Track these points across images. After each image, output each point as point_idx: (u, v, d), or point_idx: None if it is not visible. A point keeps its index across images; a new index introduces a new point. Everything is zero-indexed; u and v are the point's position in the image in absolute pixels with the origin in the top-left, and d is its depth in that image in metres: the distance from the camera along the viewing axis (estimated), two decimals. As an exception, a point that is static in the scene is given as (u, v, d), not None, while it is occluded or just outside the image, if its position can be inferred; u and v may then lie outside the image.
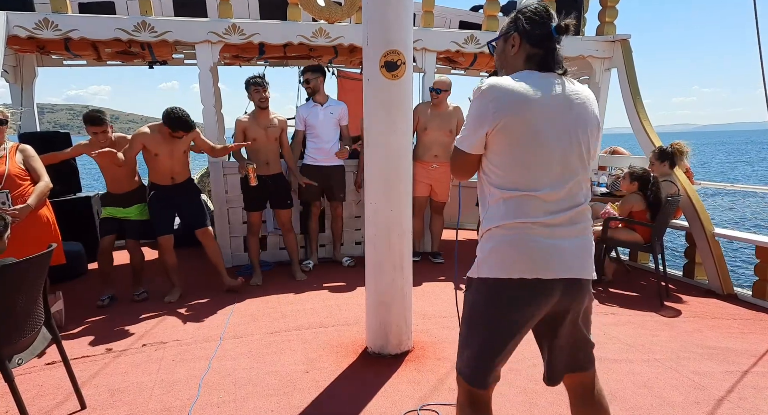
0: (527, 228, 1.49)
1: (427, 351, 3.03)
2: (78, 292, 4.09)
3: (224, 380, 2.68)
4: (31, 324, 2.19)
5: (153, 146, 3.86)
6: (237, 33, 4.65)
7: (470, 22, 6.49)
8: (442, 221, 5.26)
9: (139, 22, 4.43)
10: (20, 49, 4.85)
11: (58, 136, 5.12)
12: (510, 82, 1.49)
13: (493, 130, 1.47)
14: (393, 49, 2.70)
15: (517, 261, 1.49)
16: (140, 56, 5.37)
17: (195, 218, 4.04)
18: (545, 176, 1.48)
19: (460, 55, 5.49)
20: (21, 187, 3.39)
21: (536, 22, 1.54)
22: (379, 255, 2.93)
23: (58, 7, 4.31)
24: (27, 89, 5.61)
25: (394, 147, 2.83)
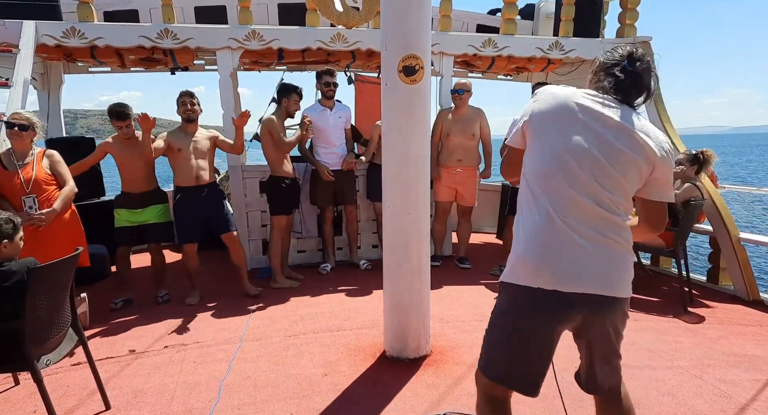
0: (549, 236, 1.49)
1: (445, 355, 3.02)
2: (101, 294, 4.17)
3: (245, 383, 2.70)
4: (58, 325, 2.25)
5: (175, 143, 3.94)
6: (257, 39, 4.72)
7: (488, 25, 6.48)
8: (470, 225, 5.23)
9: (162, 30, 4.52)
10: (48, 57, 4.99)
11: (83, 141, 5.25)
12: (557, 90, 1.58)
13: (527, 126, 1.58)
14: (411, 53, 2.71)
15: (537, 270, 1.50)
16: (163, 63, 5.48)
17: (220, 221, 4.07)
18: (572, 186, 1.49)
19: (477, 59, 5.48)
20: (47, 192, 3.48)
21: (612, 56, 1.61)
22: (397, 259, 2.94)
23: (85, 16, 4.42)
24: (54, 96, 5.77)
25: (413, 151, 2.83)
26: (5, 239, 2.15)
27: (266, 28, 4.84)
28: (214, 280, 4.64)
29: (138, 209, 4.00)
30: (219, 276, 4.74)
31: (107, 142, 3.99)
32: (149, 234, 4.04)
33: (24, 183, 3.39)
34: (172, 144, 3.93)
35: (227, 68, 4.75)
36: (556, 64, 5.77)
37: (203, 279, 4.30)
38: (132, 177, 3.97)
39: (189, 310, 3.90)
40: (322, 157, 4.75)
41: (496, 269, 4.85)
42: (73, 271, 2.35)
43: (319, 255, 5.21)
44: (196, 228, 4.03)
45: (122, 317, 3.78)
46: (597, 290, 1.49)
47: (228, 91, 4.79)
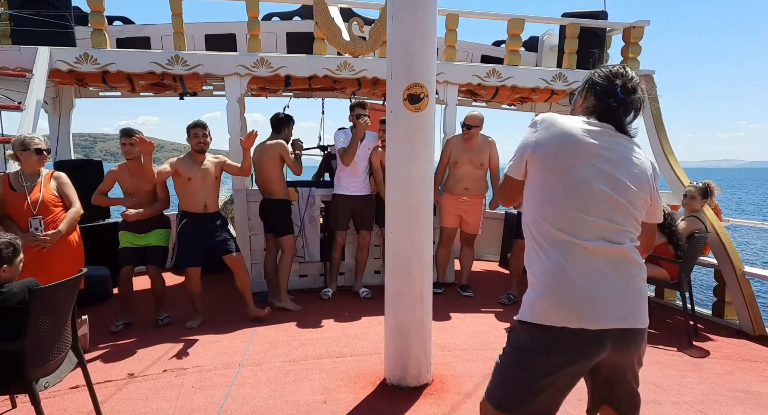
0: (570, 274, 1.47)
1: (447, 385, 2.98)
2: (102, 316, 4.15)
3: (242, 409, 2.67)
4: (58, 347, 2.24)
5: (184, 171, 3.98)
6: (265, 66, 4.83)
7: (492, 56, 6.61)
8: (473, 253, 5.22)
9: (173, 56, 4.63)
10: (60, 81, 5.10)
11: (90, 164, 5.32)
12: (560, 118, 1.57)
13: (531, 158, 1.57)
14: (416, 82, 2.77)
15: (559, 309, 1.47)
16: (172, 88, 5.59)
17: (223, 244, 4.09)
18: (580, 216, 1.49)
19: (481, 88, 5.58)
20: (53, 213, 3.51)
21: (606, 79, 1.60)
22: (399, 285, 2.93)
23: (98, 43, 4.55)
24: (65, 119, 5.87)
25: (416, 177, 2.86)
26: (5, 264, 2.16)
27: (274, 55, 4.96)
28: (215, 303, 4.61)
29: (142, 234, 4.03)
30: (219, 299, 4.72)
31: (113, 170, 4.04)
32: (150, 256, 4.06)
33: (31, 204, 3.42)
34: (180, 171, 3.98)
35: (235, 94, 4.84)
36: (560, 95, 5.86)
37: (204, 302, 4.27)
38: (138, 205, 4.01)
39: (189, 333, 3.88)
40: (342, 182, 4.81)
41: (504, 298, 4.80)
42: (76, 292, 2.35)
43: (321, 280, 5.20)
44: (199, 253, 4.05)
45: (122, 340, 3.75)
46: (623, 323, 1.48)
47: (235, 116, 4.88)
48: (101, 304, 4.64)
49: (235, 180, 4.94)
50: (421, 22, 2.70)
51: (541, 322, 1.49)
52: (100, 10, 4.60)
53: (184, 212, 4.07)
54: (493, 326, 4.14)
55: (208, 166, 4.08)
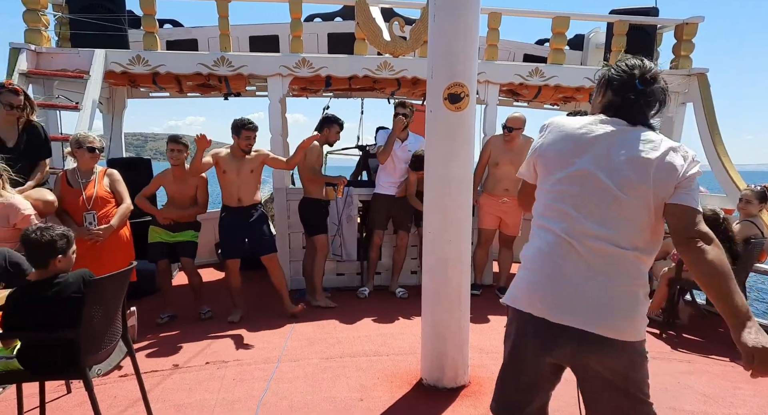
0: (547, 264, 1.49)
1: (484, 387, 2.95)
2: (148, 309, 4.31)
3: (281, 403, 2.72)
4: (110, 337, 2.35)
5: (222, 163, 4.08)
6: (306, 66, 4.90)
7: (535, 55, 6.49)
8: (512, 254, 5.14)
9: (219, 58, 4.77)
10: (114, 82, 5.34)
11: (140, 162, 5.54)
12: (564, 121, 1.57)
13: (537, 161, 1.60)
14: (457, 81, 2.74)
15: (530, 296, 1.51)
16: (217, 88, 5.76)
17: (261, 243, 4.17)
18: (580, 217, 1.46)
19: (523, 88, 5.48)
20: (106, 209, 3.68)
21: (622, 71, 1.54)
22: (436, 285, 2.92)
23: (150, 45, 4.74)
24: (117, 119, 6.15)
25: (455, 177, 2.84)
26: (60, 255, 2.27)
27: (315, 56, 5.03)
28: (255, 299, 4.71)
29: (174, 233, 4.15)
30: (259, 296, 4.82)
31: (159, 175, 4.18)
32: (181, 250, 4.17)
33: (86, 200, 3.60)
34: (220, 164, 4.08)
35: (277, 94, 4.94)
36: None
37: (244, 298, 4.38)
38: (178, 206, 4.15)
39: (230, 327, 3.98)
40: (381, 182, 4.84)
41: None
42: (127, 284, 2.45)
43: (357, 279, 5.24)
44: (238, 245, 4.15)
45: (167, 332, 3.89)
46: (587, 326, 1.42)
47: (277, 116, 4.97)
48: (147, 297, 4.82)
49: (275, 179, 5.04)
50: (463, 21, 2.68)
51: (513, 304, 1.56)
52: (152, 14, 4.79)
53: (224, 206, 4.21)
54: (532, 329, 4.06)
55: (245, 161, 4.15)
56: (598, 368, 1.47)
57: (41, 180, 3.70)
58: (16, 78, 4.06)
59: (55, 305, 2.16)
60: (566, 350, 1.46)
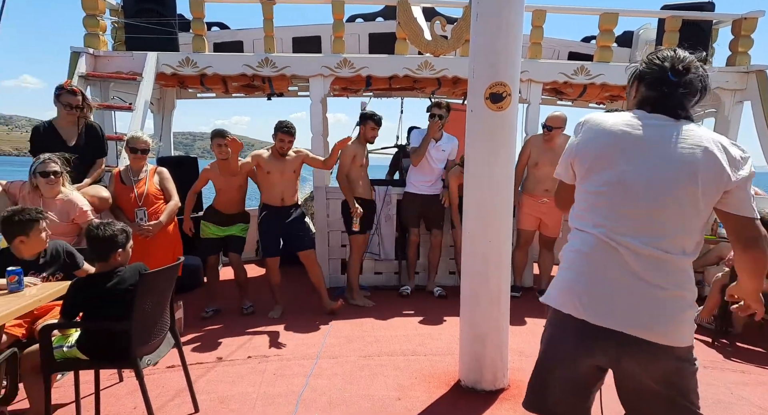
0: (588, 266, 1.45)
1: (523, 391, 2.87)
2: (193, 303, 4.45)
3: (320, 399, 2.77)
4: (159, 328, 2.45)
5: (265, 164, 4.18)
6: (347, 67, 4.95)
7: (581, 52, 6.33)
8: (553, 256, 5.02)
9: (263, 59, 4.88)
10: (164, 84, 5.57)
11: (187, 160, 5.75)
12: (602, 118, 1.50)
13: (574, 161, 1.53)
14: (499, 81, 2.71)
15: (569, 296, 1.48)
16: (261, 89, 5.91)
17: (300, 240, 4.25)
18: (624, 219, 1.41)
19: (568, 87, 5.36)
20: (155, 205, 3.85)
21: (653, 65, 1.48)
22: (475, 286, 2.89)
23: (198, 47, 4.91)
24: (167, 119, 6.40)
25: (495, 177, 2.81)
26: (120, 249, 2.39)
27: (357, 56, 5.08)
28: (295, 296, 4.79)
29: (225, 227, 4.28)
30: (299, 293, 4.89)
31: (207, 169, 4.27)
32: (230, 244, 4.29)
33: (137, 197, 3.77)
34: (262, 164, 4.18)
35: (318, 94, 5.01)
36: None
37: (285, 295, 4.47)
38: (226, 200, 4.26)
39: (271, 323, 4.07)
40: (413, 180, 4.85)
41: None
42: (175, 278, 2.56)
43: (395, 278, 5.25)
44: (277, 244, 4.25)
45: (211, 326, 4.02)
46: (628, 329, 1.38)
47: (318, 115, 5.05)
48: (192, 291, 4.99)
49: (315, 177, 5.12)
50: (506, 19, 2.64)
51: (552, 304, 1.53)
52: (200, 17, 4.96)
53: (264, 205, 4.29)
54: (573, 334, 3.96)
55: (288, 161, 4.24)
56: (639, 373, 1.42)
57: (97, 178, 3.91)
58: (76, 80, 4.29)
59: (112, 297, 2.28)
60: (606, 352, 1.43)
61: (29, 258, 2.69)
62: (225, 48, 5.96)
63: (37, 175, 3.28)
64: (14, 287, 2.36)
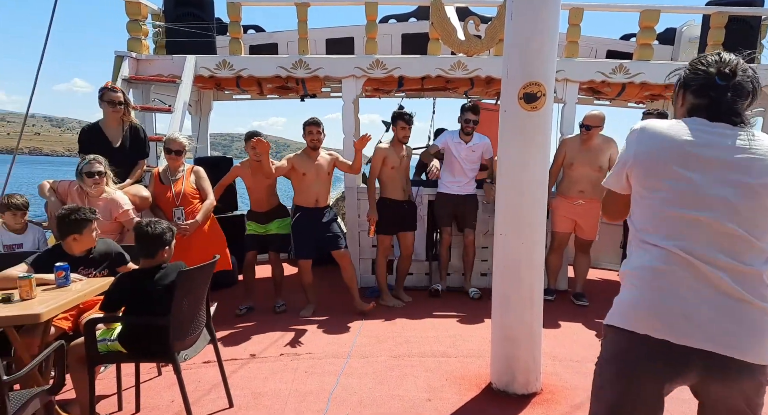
0: (663, 282, 1.35)
1: (557, 396, 2.85)
2: (228, 300, 4.56)
3: (351, 398, 2.79)
4: (196, 324, 2.52)
5: (299, 166, 4.24)
6: (380, 67, 4.97)
7: (620, 51, 6.17)
8: (588, 260, 4.90)
9: (297, 61, 4.95)
10: (202, 86, 5.72)
11: (223, 161, 5.90)
12: (661, 125, 1.43)
13: (632, 170, 1.45)
14: (533, 80, 2.67)
15: (646, 316, 1.36)
16: (294, 90, 6.00)
17: (335, 240, 4.30)
18: (694, 231, 1.33)
19: (605, 86, 5.23)
20: (192, 204, 3.95)
21: (697, 71, 1.43)
22: (508, 289, 2.86)
23: (235, 50, 5.02)
24: (204, 120, 6.57)
25: (528, 178, 2.77)
26: (166, 246, 2.49)
27: (389, 57, 5.09)
28: (326, 295, 4.83)
29: (263, 224, 4.37)
30: (331, 292, 4.94)
31: (237, 166, 4.38)
32: (271, 244, 4.38)
33: (174, 196, 3.88)
34: (296, 167, 4.24)
35: (351, 95, 5.05)
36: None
37: (316, 294, 4.51)
38: (257, 198, 4.36)
39: (302, 321, 4.13)
40: (445, 181, 4.84)
41: None
42: (211, 276, 2.63)
43: (426, 279, 5.24)
44: (310, 246, 4.29)
45: (245, 323, 4.11)
46: (715, 347, 1.29)
47: (350, 116, 5.08)
48: (227, 288, 5.10)
49: (347, 178, 5.15)
50: (542, 18, 2.60)
51: (624, 326, 1.40)
52: (237, 20, 5.07)
53: (298, 206, 4.34)
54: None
55: (322, 163, 4.29)
56: (724, 392, 1.36)
57: (139, 178, 4.05)
58: (119, 83, 4.45)
59: (153, 293, 2.36)
60: (692, 373, 1.34)
61: (79, 254, 2.81)
62: (260, 50, 6.07)
63: (82, 175, 3.42)
64: (62, 282, 2.48)
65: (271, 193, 4.41)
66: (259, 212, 4.36)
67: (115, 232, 3.54)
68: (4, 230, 3.47)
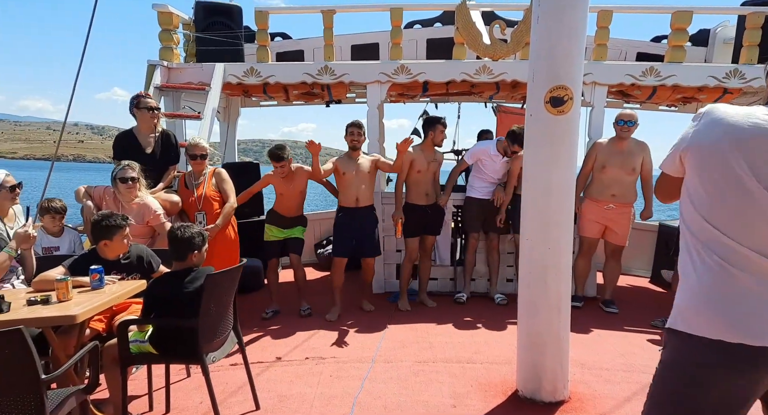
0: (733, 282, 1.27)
1: (585, 404, 2.79)
2: (254, 303, 4.63)
3: (375, 402, 2.79)
4: (223, 327, 2.57)
5: (341, 166, 4.35)
6: (404, 73, 4.99)
7: (650, 53, 6.05)
8: (619, 266, 4.78)
9: (322, 67, 5.01)
10: (230, 93, 5.83)
11: (250, 166, 5.99)
12: (728, 109, 1.32)
13: (686, 153, 1.36)
14: (560, 84, 2.64)
15: (711, 318, 1.28)
16: (320, 96, 6.06)
17: (370, 246, 4.42)
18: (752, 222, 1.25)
19: (635, 89, 5.13)
20: (214, 208, 4.00)
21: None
22: (534, 295, 2.82)
23: (262, 57, 5.11)
24: (231, 126, 6.70)
25: (555, 183, 2.73)
26: (195, 250, 2.55)
27: (414, 62, 5.10)
28: (352, 299, 4.83)
29: (286, 229, 4.43)
30: (356, 296, 4.95)
31: (270, 175, 4.42)
32: (290, 246, 4.44)
33: (197, 199, 3.96)
34: (339, 167, 4.35)
35: (375, 100, 5.08)
36: (734, 94, 5.12)
37: (343, 297, 4.53)
38: (287, 204, 4.42)
39: (327, 325, 4.15)
40: (475, 186, 4.86)
41: (659, 321, 4.23)
42: (238, 280, 2.67)
43: (450, 284, 5.21)
44: (348, 245, 4.38)
45: (271, 326, 4.15)
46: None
47: (374, 121, 5.11)
48: (254, 292, 5.16)
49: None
50: (569, 22, 2.57)
51: (692, 331, 1.30)
52: (265, 28, 5.17)
53: (340, 207, 4.44)
54: (641, 347, 3.77)
55: (362, 163, 4.38)
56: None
57: (169, 183, 4.14)
58: (151, 91, 4.58)
59: (184, 295, 2.42)
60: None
61: (112, 259, 2.90)
62: (287, 57, 6.16)
63: (116, 181, 3.53)
64: (96, 284, 2.56)
65: (302, 201, 4.50)
66: (286, 216, 4.42)
67: (146, 236, 3.63)
68: (43, 233, 3.60)
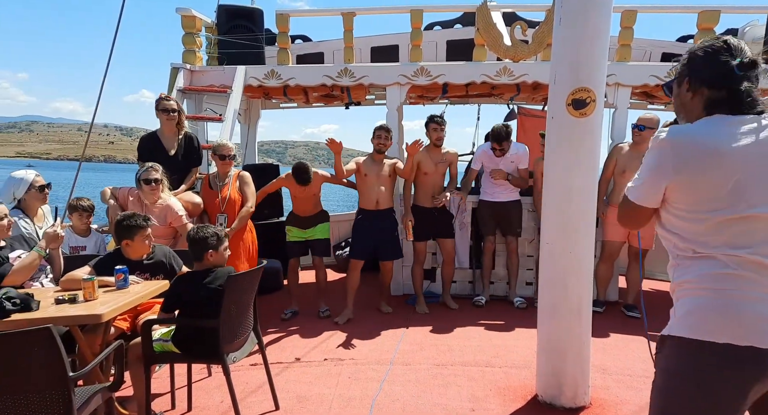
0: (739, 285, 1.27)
1: (607, 411, 2.75)
2: (274, 304, 4.66)
3: (393, 405, 2.79)
4: (244, 328, 2.60)
5: (363, 167, 4.39)
6: (424, 75, 4.98)
7: (676, 53, 5.91)
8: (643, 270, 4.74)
9: (342, 69, 5.03)
10: (251, 95, 5.90)
11: (269, 167, 6.05)
12: (695, 132, 1.34)
13: (674, 186, 1.36)
14: (583, 86, 2.61)
15: (723, 323, 1.28)
16: (339, 98, 6.10)
17: (389, 249, 4.44)
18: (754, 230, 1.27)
19: (660, 90, 5.03)
20: (237, 211, 4.04)
21: (711, 60, 1.35)
22: (555, 299, 2.79)
23: (282, 60, 5.16)
24: (252, 128, 6.77)
25: (577, 186, 2.70)
26: (210, 250, 2.57)
27: (433, 64, 5.09)
28: (370, 301, 4.83)
29: (307, 229, 4.45)
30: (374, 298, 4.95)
31: (282, 178, 4.49)
32: (314, 247, 4.47)
33: (221, 201, 4.01)
34: (361, 168, 4.39)
35: (395, 102, 5.08)
36: (765, 93, 4.99)
37: (361, 298, 4.55)
38: (302, 206, 4.47)
39: (345, 327, 4.17)
40: (486, 188, 4.84)
41: None
42: (258, 281, 2.70)
43: (469, 287, 5.18)
44: (366, 247, 4.40)
45: (290, 327, 4.18)
46: None
47: (393, 123, 5.09)
48: (274, 293, 5.20)
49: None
50: (592, 23, 2.54)
51: (698, 337, 1.30)
52: (285, 31, 5.21)
53: (360, 209, 4.47)
54: (664, 354, 3.69)
55: (383, 166, 4.41)
56: None
57: (191, 185, 4.21)
58: (174, 94, 4.66)
59: (203, 295, 2.46)
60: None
61: (135, 259, 2.95)
62: (307, 59, 6.21)
63: (140, 182, 3.60)
64: (121, 284, 2.61)
65: (316, 202, 4.52)
66: (302, 216, 4.46)
67: (168, 236, 3.70)
68: (71, 232, 3.69)
